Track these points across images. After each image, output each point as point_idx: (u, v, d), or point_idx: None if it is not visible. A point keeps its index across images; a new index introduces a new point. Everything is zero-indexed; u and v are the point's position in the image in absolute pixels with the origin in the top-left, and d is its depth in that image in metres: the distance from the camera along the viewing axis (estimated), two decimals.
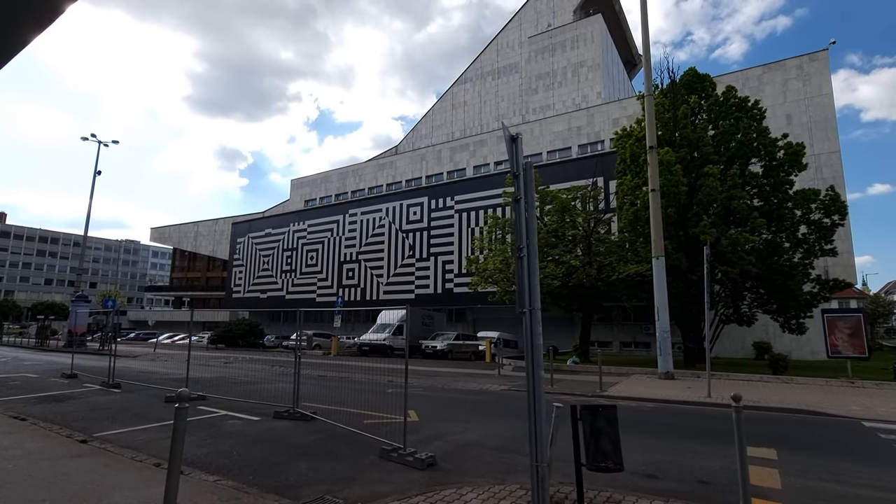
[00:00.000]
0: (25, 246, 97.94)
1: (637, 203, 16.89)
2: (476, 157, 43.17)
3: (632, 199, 16.89)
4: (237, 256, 53.98)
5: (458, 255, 37.38)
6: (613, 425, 3.98)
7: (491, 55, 55.85)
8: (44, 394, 10.51)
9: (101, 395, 10.40)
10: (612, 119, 36.24)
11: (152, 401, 9.81)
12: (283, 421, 7.95)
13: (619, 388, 12.13)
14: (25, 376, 13.93)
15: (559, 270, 16.67)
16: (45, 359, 21.49)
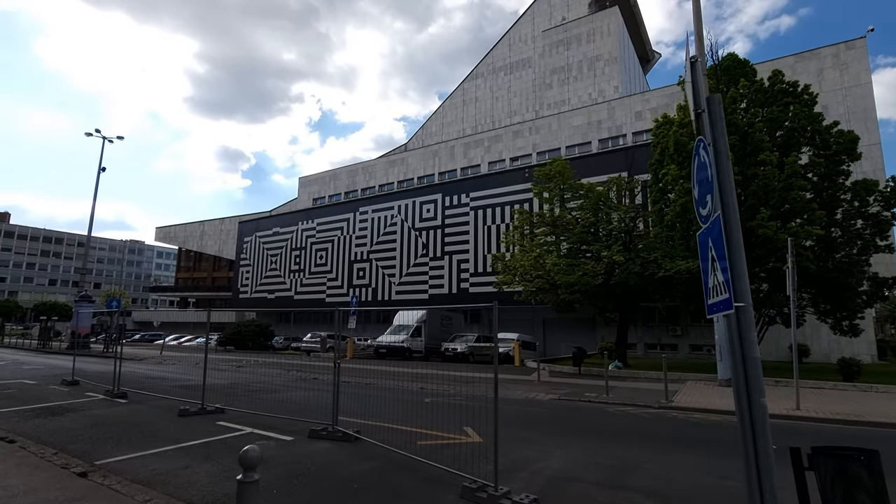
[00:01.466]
0: (29, 246, 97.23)
1: (685, 195, 15.51)
2: (491, 153, 41.84)
3: (679, 190, 15.53)
4: (244, 256, 52.80)
5: (473, 254, 36.08)
6: (877, 480, 2.59)
7: (503, 50, 54.54)
8: (40, 405, 9.24)
9: (105, 407, 9.12)
10: (635, 112, 34.86)
11: (163, 414, 8.52)
12: (321, 442, 6.64)
13: (686, 398, 10.78)
14: (22, 383, 12.69)
15: (599, 267, 15.34)
16: (46, 362, 20.28)
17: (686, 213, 15.48)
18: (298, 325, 47.72)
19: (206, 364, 8.93)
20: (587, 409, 9.88)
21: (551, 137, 38.62)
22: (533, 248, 17.28)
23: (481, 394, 12.00)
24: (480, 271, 35.66)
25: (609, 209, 16.93)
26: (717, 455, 6.52)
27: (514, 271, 18.04)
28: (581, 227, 17.01)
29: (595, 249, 16.26)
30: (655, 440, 7.35)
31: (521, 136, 40.58)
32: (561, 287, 15.53)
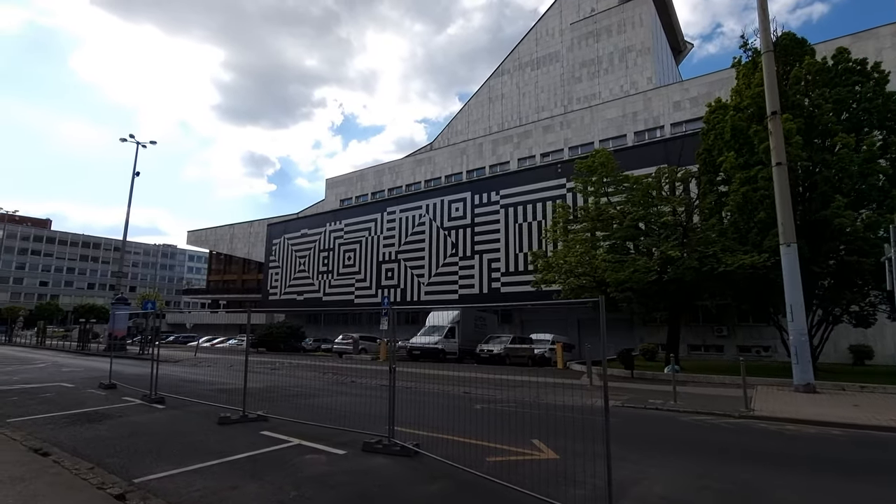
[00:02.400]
0: (69, 251, 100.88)
1: (746, 183, 14.30)
2: (521, 150, 40.83)
3: (741, 178, 14.31)
4: (273, 258, 53.14)
5: (504, 253, 35.14)
6: None
7: (529, 45, 53.41)
8: (77, 410, 8.85)
9: (143, 413, 8.66)
10: (673, 102, 33.34)
11: (203, 422, 7.98)
12: (378, 457, 5.92)
13: (767, 406, 9.67)
14: (60, 386, 12.47)
15: (653, 263, 14.28)
16: (84, 364, 20.36)
17: (747, 204, 14.26)
18: (327, 327, 47.68)
19: (246, 369, 8.35)
20: (659, 419, 8.92)
21: (584, 131, 37.37)
22: (577, 244, 16.29)
23: (532, 399, 11.14)
24: (512, 270, 34.72)
25: (659, 201, 15.81)
26: (865, 480, 5.52)
27: (556, 269, 17.08)
28: (629, 221, 15.95)
29: (646, 244, 15.17)
30: (762, 458, 6.38)
31: (552, 131, 39.44)
32: (610, 285, 14.53)
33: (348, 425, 7.21)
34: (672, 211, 15.55)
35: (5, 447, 5.95)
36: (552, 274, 16.98)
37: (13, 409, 8.94)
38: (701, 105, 32.51)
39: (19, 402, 9.85)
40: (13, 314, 50.51)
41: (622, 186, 17.92)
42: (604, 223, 17.03)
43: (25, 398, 10.32)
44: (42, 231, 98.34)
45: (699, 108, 32.50)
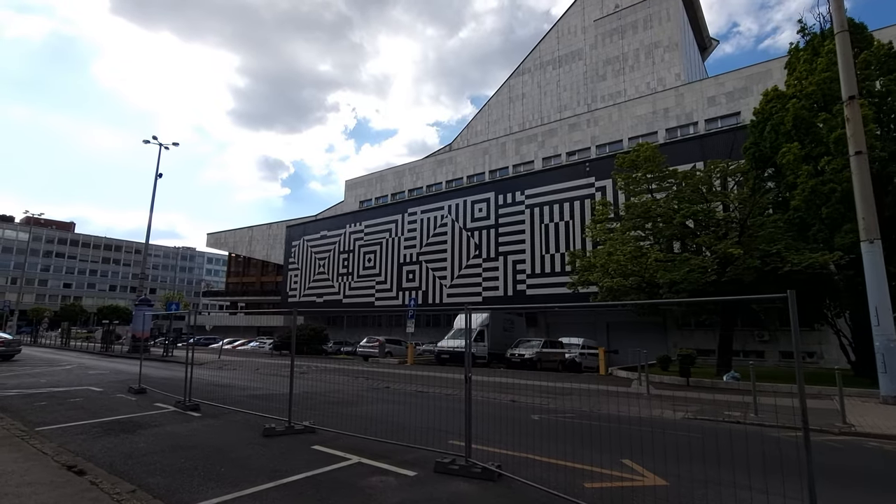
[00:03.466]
0: (92, 254, 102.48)
1: (814, 176, 13.20)
2: (545, 149, 39.87)
3: (808, 171, 13.22)
4: (292, 260, 52.87)
5: (530, 254, 34.17)
6: None
7: (550, 43, 52.47)
8: (109, 418, 8.22)
9: (179, 423, 7.98)
10: (707, 97, 32.09)
11: (246, 433, 7.27)
12: (457, 481, 5.10)
13: (864, 421, 8.63)
14: (89, 390, 11.93)
15: (711, 262, 13.27)
16: (110, 366, 19.98)
17: (815, 198, 13.16)
18: (347, 329, 47.16)
19: (292, 376, 7.62)
20: (750, 436, 7.94)
21: (612, 129, 36.27)
22: (624, 242, 15.32)
23: (591, 409, 10.24)
24: (538, 272, 33.73)
25: (713, 197, 14.77)
26: None
27: (598, 269, 16.12)
28: (680, 217, 14.94)
29: (701, 242, 14.15)
30: None
31: (579, 129, 38.41)
32: (662, 286, 13.56)
33: (405, 439, 6.43)
34: (732, 206, 14.45)
35: (36, 464, 5.29)
36: (596, 274, 16.00)
37: (42, 416, 8.36)
38: (737, 100, 31.29)
39: (48, 407, 9.29)
40: (39, 315, 51.04)
41: (667, 182, 16.92)
42: (650, 220, 16.04)
43: (54, 403, 9.77)
44: (66, 234, 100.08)
45: (735, 102, 31.29)
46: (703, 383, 13.92)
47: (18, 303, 58.97)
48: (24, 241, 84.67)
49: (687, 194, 16.09)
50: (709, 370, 18.65)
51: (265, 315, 62.19)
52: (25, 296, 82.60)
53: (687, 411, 9.76)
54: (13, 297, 65.11)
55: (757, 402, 9.51)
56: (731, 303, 15.53)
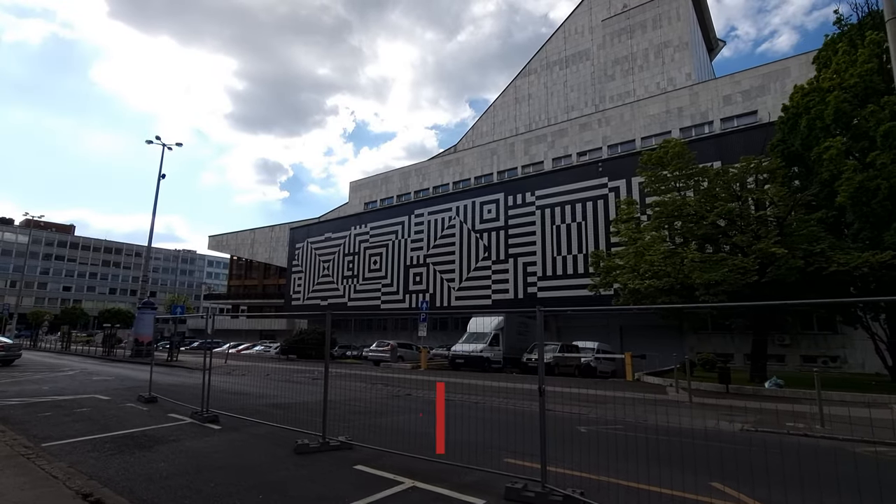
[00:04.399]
0: (92, 256, 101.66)
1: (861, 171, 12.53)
2: (555, 149, 39.27)
3: (855, 166, 12.56)
4: (296, 262, 52.18)
5: (541, 256, 33.52)
6: None
7: (557, 44, 51.94)
8: (122, 432, 7.50)
9: (199, 437, 7.26)
10: (723, 96, 31.51)
11: (275, 450, 6.57)
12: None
13: None
14: (96, 399, 11.21)
15: (751, 262, 12.59)
16: (114, 372, 19.24)
17: (862, 194, 12.49)
18: (351, 333, 46.39)
19: (326, 385, 6.91)
20: (820, 451, 7.25)
21: (624, 129, 35.68)
22: (656, 242, 14.63)
23: (638, 420, 9.53)
24: (550, 274, 33.06)
25: (748, 194, 14.11)
26: None
27: (626, 270, 15.43)
28: (714, 216, 14.28)
29: (737, 241, 13.47)
30: None
31: (589, 129, 37.82)
32: (698, 287, 12.88)
33: (455, 457, 5.73)
34: (761, 205, 13.79)
35: (46, 491, 4.58)
36: (626, 275, 15.28)
37: (48, 429, 7.64)
38: (754, 98, 30.70)
39: (53, 419, 8.57)
40: (38, 319, 50.23)
41: (694, 180, 16.24)
42: (679, 219, 15.37)
43: (60, 414, 9.06)
44: (66, 236, 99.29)
45: (752, 101, 30.71)
46: (743, 390, 13.21)
47: (18, 306, 58.21)
48: (23, 244, 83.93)
49: (719, 192, 15.44)
50: (737, 375, 17.95)
51: (268, 318, 61.39)
52: (25, 299, 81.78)
53: (745, 422, 9.05)
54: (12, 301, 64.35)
55: (823, 412, 8.79)
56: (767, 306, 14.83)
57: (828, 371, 23.03)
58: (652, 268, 13.93)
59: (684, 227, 15.48)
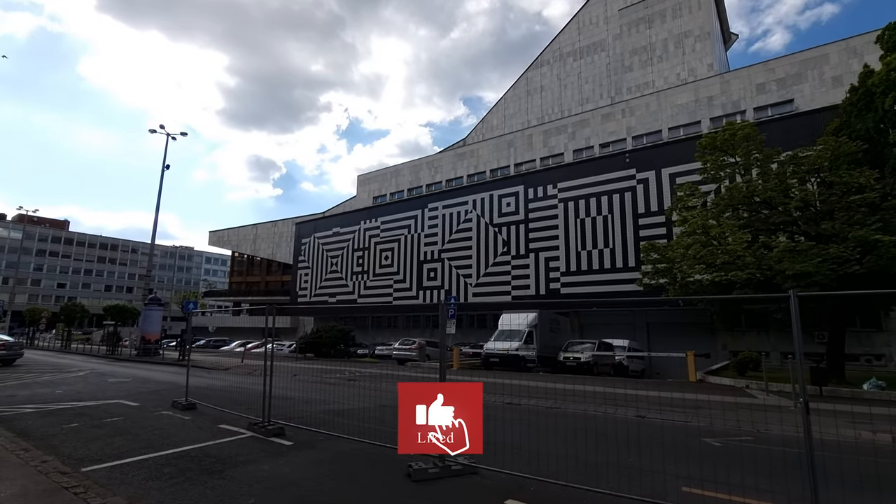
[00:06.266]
0: (87, 253, 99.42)
1: None
2: (576, 140, 37.99)
3: None
4: (302, 258, 50.59)
5: (565, 251, 32.21)
6: None
7: (571, 35, 50.63)
8: (174, 450, 6.12)
9: (273, 458, 5.90)
10: (756, 84, 30.33)
11: (378, 474, 5.23)
12: None
13: None
14: (123, 405, 9.79)
15: (850, 250, 11.36)
16: (127, 372, 17.79)
17: None
18: (361, 331, 44.97)
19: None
20: None
21: (650, 119, 34.45)
22: (733, 231, 13.36)
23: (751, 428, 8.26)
24: (574, 269, 31.78)
25: (835, 177, 12.87)
26: None
27: (691, 260, 14.17)
28: (797, 202, 13.05)
29: (827, 229, 12.23)
30: None
31: (613, 119, 36.56)
32: (788, 279, 11.65)
33: (613, 485, 4.45)
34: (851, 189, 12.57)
35: None
36: (697, 266, 13.97)
37: (82, 447, 6.25)
38: (789, 87, 29.54)
39: (83, 432, 7.18)
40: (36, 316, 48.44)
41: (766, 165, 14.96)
42: (751, 206, 14.13)
43: (88, 425, 7.66)
44: (60, 232, 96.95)
45: (787, 90, 29.55)
46: (838, 392, 12.01)
47: (11, 303, 56.29)
48: (16, 240, 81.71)
49: (788, 177, 14.20)
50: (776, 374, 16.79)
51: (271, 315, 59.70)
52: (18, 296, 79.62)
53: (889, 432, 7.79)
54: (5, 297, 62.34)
55: None
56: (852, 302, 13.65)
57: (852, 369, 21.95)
58: (731, 258, 12.68)
59: (754, 216, 14.25)
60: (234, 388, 10.70)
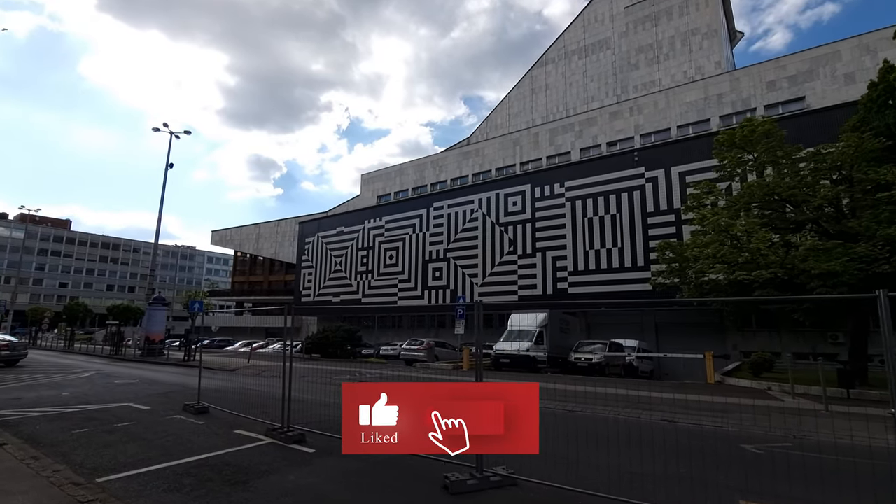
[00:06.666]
0: (89, 252, 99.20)
1: None
2: (583, 139, 37.65)
3: None
4: (306, 257, 50.29)
5: (572, 250, 31.87)
6: None
7: (576, 33, 50.28)
8: (192, 458, 5.81)
9: (298, 467, 5.59)
10: (767, 82, 29.96)
11: (412, 485, 4.93)
12: None
13: None
14: (132, 408, 9.49)
15: (880, 249, 10.98)
16: (133, 373, 17.48)
17: None
18: (366, 332, 44.67)
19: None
20: None
21: (658, 117, 34.11)
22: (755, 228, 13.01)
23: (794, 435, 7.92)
24: (581, 269, 31.43)
25: (858, 172, 12.54)
26: None
27: (709, 259, 13.85)
28: (820, 199, 12.72)
29: (854, 227, 11.90)
30: None
31: (620, 118, 36.21)
32: (814, 278, 11.33)
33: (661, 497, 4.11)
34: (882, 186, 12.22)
35: None
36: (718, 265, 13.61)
37: (94, 454, 5.94)
38: (801, 84, 29.19)
39: (94, 437, 6.88)
40: (38, 315, 48.19)
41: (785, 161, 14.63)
42: (771, 204, 13.80)
43: (99, 430, 7.36)
44: (62, 232, 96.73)
45: (799, 87, 29.19)
46: (867, 395, 11.68)
47: (13, 303, 56.04)
48: (18, 239, 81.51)
49: (806, 174, 13.87)
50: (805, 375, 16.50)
51: (272, 315, 59.48)
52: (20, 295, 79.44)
53: None
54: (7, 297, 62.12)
55: None
56: None
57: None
58: (754, 257, 12.34)
59: (774, 214, 13.92)
60: (245, 391, 10.38)
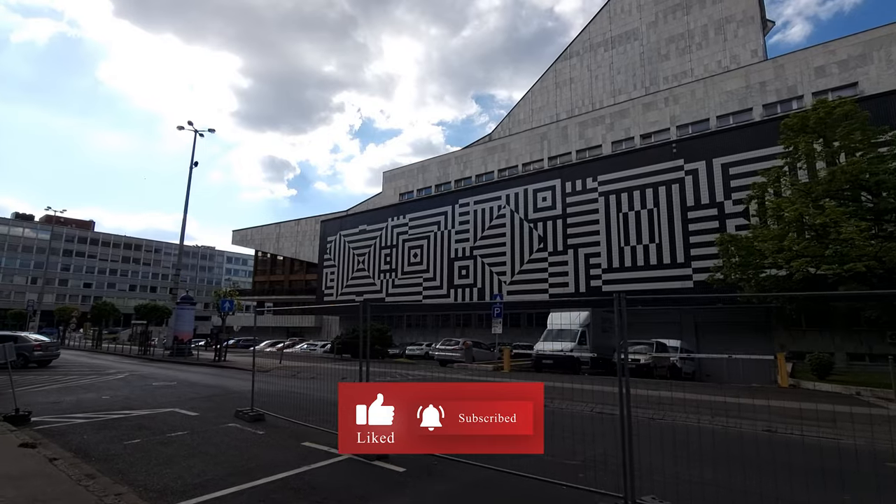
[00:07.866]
0: (112, 253, 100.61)
1: None
2: (615, 131, 36.39)
3: None
4: (328, 256, 49.86)
5: (606, 247, 30.71)
6: None
7: (602, 24, 48.91)
8: (267, 479, 5.03)
9: (394, 492, 4.79)
10: (815, 68, 28.42)
11: None
12: None
13: None
14: (181, 415, 8.80)
15: None
16: (166, 374, 16.95)
17: None
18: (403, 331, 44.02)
19: (627, 403, 4.38)
20: None
21: (695, 107, 32.73)
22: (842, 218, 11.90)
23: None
24: (616, 266, 30.27)
25: None
26: None
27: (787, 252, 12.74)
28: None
29: None
30: None
31: (655, 108, 34.89)
32: None
33: None
34: None
35: None
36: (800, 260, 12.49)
37: (156, 473, 5.20)
38: (853, 69, 27.62)
39: (149, 450, 6.15)
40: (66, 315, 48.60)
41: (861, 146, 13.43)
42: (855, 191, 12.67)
43: (152, 441, 6.65)
44: (86, 232, 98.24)
45: (851, 72, 27.62)
46: None
47: (40, 303, 56.72)
48: (44, 240, 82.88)
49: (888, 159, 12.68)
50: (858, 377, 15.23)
51: (296, 315, 59.30)
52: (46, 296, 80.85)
53: None
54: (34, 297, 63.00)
55: None
56: None
57: None
58: (843, 249, 11.23)
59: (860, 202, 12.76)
60: (291, 394, 9.62)
